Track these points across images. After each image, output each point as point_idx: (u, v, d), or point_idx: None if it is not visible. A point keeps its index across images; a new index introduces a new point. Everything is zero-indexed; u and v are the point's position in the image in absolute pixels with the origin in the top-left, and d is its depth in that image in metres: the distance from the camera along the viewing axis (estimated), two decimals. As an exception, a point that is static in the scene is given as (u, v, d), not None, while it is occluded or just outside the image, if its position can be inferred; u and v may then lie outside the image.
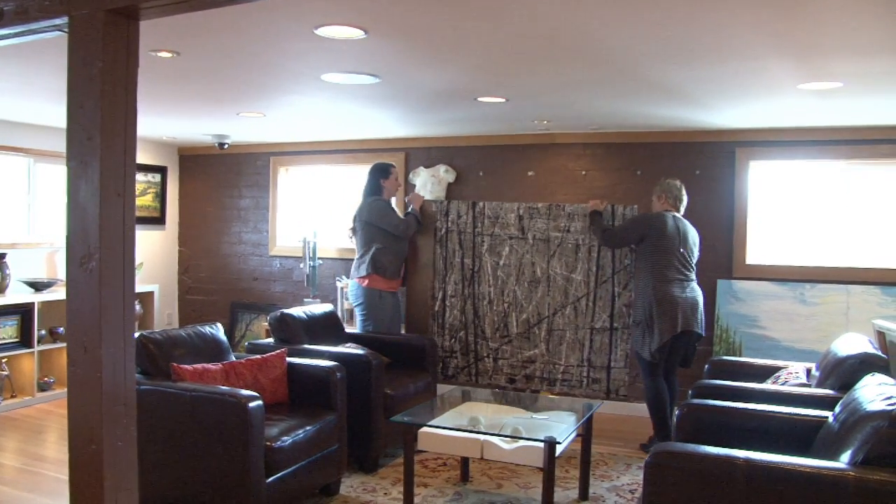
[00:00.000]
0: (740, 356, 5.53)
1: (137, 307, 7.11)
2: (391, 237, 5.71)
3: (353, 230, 5.88)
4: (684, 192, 5.20)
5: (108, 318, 2.00)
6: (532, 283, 5.71)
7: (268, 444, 3.62)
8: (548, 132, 6.26)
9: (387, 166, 5.86)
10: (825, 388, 3.70)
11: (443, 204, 5.94)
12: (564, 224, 5.63)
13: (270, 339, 5.20)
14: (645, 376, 5.07)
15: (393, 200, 5.97)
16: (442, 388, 5.59)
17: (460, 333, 5.88)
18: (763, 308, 5.68)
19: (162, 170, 7.79)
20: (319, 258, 6.98)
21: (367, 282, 5.68)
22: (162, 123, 6.30)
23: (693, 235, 5.13)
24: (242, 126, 6.29)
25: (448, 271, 5.89)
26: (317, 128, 6.38)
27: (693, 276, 5.05)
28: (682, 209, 5.18)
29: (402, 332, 5.99)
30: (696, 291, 5.03)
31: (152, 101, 5.09)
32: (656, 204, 5.22)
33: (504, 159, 6.56)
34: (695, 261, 5.10)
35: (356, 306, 5.80)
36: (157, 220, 7.81)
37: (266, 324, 5.96)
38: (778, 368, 4.38)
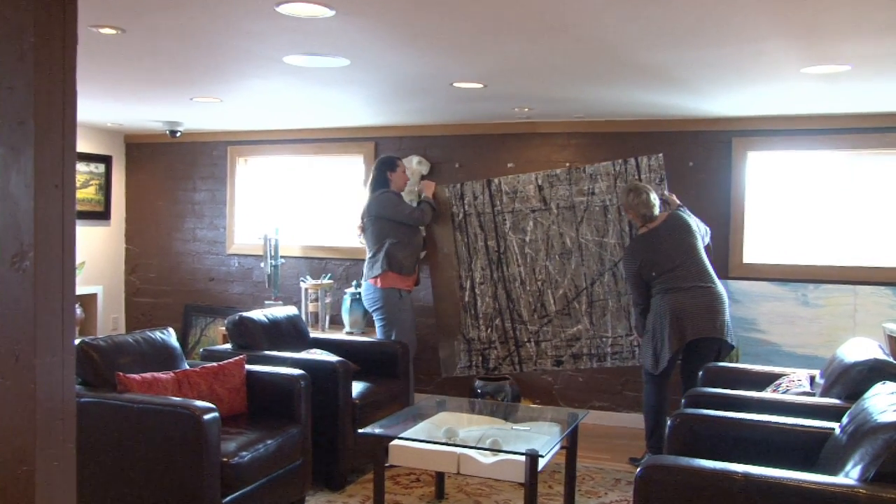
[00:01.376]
0: (737, 362, 5.54)
1: (78, 311, 7.01)
2: (405, 229, 5.71)
3: (363, 228, 5.88)
4: (649, 196, 5.04)
5: (44, 323, 1.95)
6: (563, 255, 5.73)
7: (224, 459, 3.59)
8: (529, 120, 6.26)
9: (393, 158, 5.92)
10: (831, 398, 3.71)
11: (456, 187, 5.94)
12: (587, 187, 5.64)
13: (228, 345, 5.18)
14: (647, 381, 5.06)
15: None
16: (415, 398, 5.57)
17: (496, 321, 5.88)
18: (762, 310, 5.71)
19: (106, 159, 7.68)
20: (282, 257, 6.92)
21: (382, 281, 5.65)
22: (106, 108, 6.20)
23: (686, 238, 4.99)
24: (197, 112, 6.21)
25: (472, 257, 5.90)
26: (278, 115, 6.32)
27: (706, 280, 4.92)
28: (657, 211, 5.06)
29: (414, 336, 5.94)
30: (711, 295, 4.89)
31: (94, 82, 5.00)
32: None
33: (482, 150, 6.54)
34: (701, 258, 4.98)
35: (374, 311, 5.78)
36: (101, 214, 7.69)
37: (223, 328, 5.89)
38: (778, 376, 4.40)
